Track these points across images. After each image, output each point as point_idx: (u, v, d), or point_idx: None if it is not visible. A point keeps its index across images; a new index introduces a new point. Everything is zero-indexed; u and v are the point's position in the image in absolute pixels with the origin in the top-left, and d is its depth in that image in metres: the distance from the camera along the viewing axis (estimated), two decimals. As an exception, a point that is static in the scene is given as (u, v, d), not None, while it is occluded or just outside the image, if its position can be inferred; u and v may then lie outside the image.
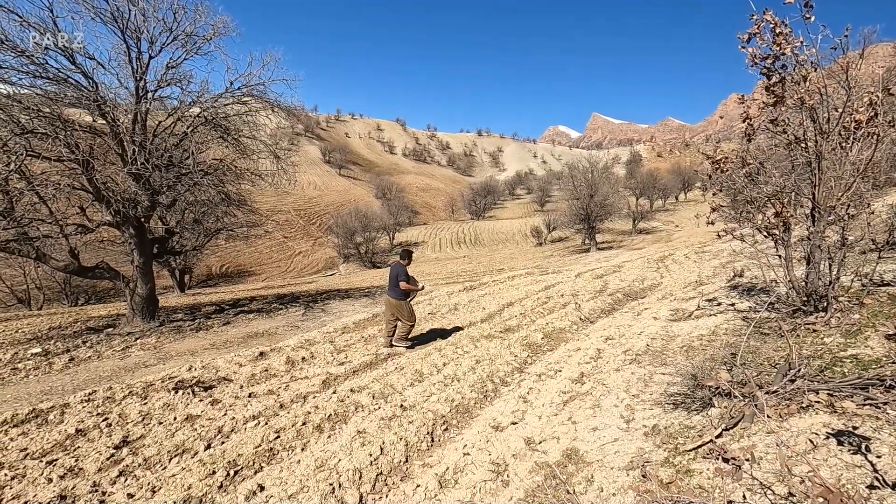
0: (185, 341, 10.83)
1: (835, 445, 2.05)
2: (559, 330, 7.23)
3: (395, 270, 7.72)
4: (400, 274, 7.65)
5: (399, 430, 3.75)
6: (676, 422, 2.86)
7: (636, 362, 4.28)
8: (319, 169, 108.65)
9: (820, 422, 2.30)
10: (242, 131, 12.94)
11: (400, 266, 7.75)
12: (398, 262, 7.81)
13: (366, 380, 5.90)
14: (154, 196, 11.86)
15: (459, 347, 6.92)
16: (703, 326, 5.18)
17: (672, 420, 2.90)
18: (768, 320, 4.59)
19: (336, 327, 9.86)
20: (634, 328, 5.84)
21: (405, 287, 7.62)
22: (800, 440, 2.17)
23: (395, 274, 7.69)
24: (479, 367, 5.47)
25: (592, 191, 41.73)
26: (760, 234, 4.52)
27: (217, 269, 51.81)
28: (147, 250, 12.50)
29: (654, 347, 4.69)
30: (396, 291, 7.67)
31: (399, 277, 7.63)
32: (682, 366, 3.81)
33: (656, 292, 9.98)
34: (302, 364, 7.25)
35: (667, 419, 2.94)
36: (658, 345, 4.78)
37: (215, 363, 7.25)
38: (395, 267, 7.75)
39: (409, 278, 7.73)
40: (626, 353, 4.58)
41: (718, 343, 4.41)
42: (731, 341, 4.40)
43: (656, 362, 4.22)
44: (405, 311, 7.71)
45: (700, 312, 6.15)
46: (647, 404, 3.30)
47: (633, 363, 4.26)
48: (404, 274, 7.67)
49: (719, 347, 4.22)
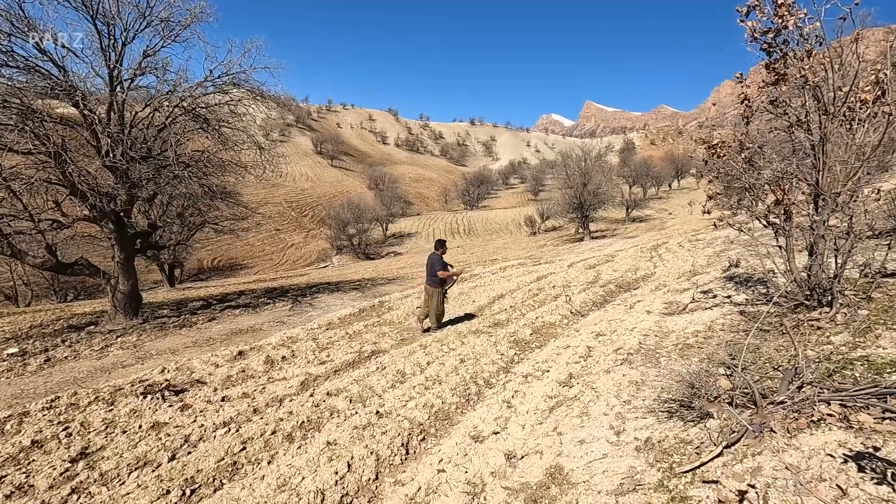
0: (166, 339, 10.49)
1: (855, 472, 1.76)
2: (549, 325, 6.94)
3: (430, 260, 8.15)
4: (436, 263, 8.04)
5: (371, 441, 3.45)
6: (671, 434, 2.57)
7: (628, 362, 3.99)
8: (311, 160, 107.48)
9: (834, 440, 2.01)
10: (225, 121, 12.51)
11: (436, 255, 8.13)
12: (434, 252, 8.20)
13: (345, 381, 5.60)
14: (132, 189, 11.44)
15: (445, 344, 6.62)
16: (698, 321, 4.90)
17: (666, 432, 2.61)
18: (766, 314, 4.31)
19: (321, 323, 9.55)
20: (627, 323, 5.55)
21: (443, 275, 7.99)
22: (812, 464, 1.88)
23: (431, 263, 8.12)
24: (464, 367, 5.18)
25: (586, 179, 41.38)
26: (759, 223, 4.22)
27: (209, 263, 51.24)
28: (128, 245, 12.11)
29: (647, 345, 4.41)
30: (434, 280, 8.02)
31: (435, 267, 8.02)
32: (678, 368, 3.53)
33: (649, 283, 9.72)
34: (282, 364, 6.95)
35: (661, 431, 2.66)
36: (651, 342, 4.49)
37: (190, 364, 6.92)
38: (431, 256, 8.17)
39: (446, 266, 8.09)
40: (618, 353, 4.29)
41: (715, 341, 4.13)
42: (729, 339, 4.12)
43: (649, 363, 3.94)
44: (438, 299, 8.09)
45: (695, 305, 5.88)
46: (640, 412, 3.01)
47: (624, 363, 3.97)
48: (440, 263, 8.02)
49: (716, 346, 3.94)
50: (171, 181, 12.33)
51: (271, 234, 63.45)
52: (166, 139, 11.39)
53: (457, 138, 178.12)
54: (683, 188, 79.53)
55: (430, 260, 8.15)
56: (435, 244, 8.35)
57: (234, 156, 13.21)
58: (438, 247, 8.27)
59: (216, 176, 13.20)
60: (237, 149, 13.01)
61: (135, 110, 11.83)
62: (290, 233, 66.03)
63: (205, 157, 12.40)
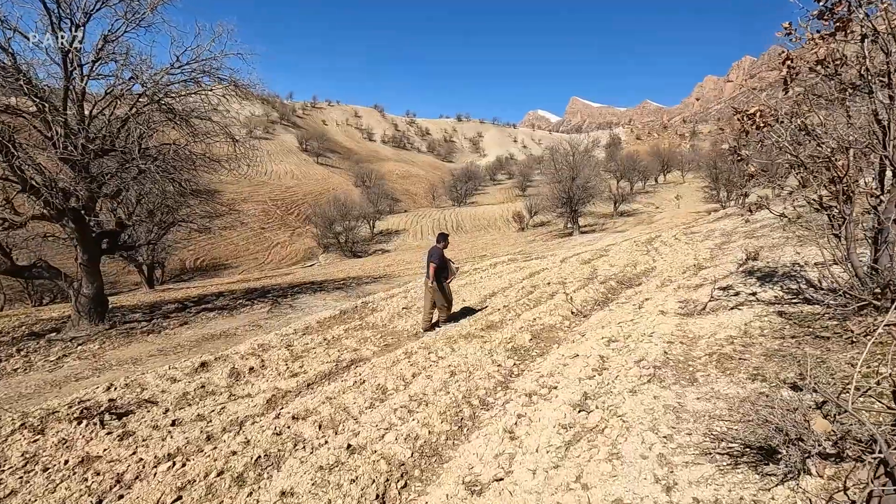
0: (130, 347, 9.59)
1: None
2: (549, 328, 6.18)
3: (430, 254, 7.76)
4: (432, 256, 7.65)
5: (337, 494, 2.66)
6: (748, 496, 1.82)
7: (657, 379, 3.24)
8: (296, 157, 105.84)
9: None
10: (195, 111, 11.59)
11: (436, 249, 7.77)
12: (434, 246, 7.86)
13: (317, 399, 4.79)
14: (93, 185, 10.49)
15: (433, 352, 5.83)
16: (728, 324, 4.17)
17: (739, 491, 1.86)
18: (816, 316, 3.59)
19: (297, 328, 8.71)
20: (641, 326, 4.80)
21: (432, 269, 7.57)
22: None
23: (429, 257, 7.72)
24: (455, 382, 4.39)
25: (574, 174, 40.87)
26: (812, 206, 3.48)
27: (192, 264, 49.97)
28: (92, 246, 11.19)
29: (674, 356, 3.66)
30: (435, 274, 7.63)
31: (430, 260, 7.64)
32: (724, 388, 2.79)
33: (652, 278, 9.02)
34: (248, 376, 6.11)
35: (730, 489, 1.90)
36: (678, 351, 3.75)
37: (143, 380, 6.05)
38: (432, 250, 7.80)
39: (446, 261, 7.82)
40: (640, 365, 3.53)
41: (758, 350, 3.40)
42: (774, 347, 3.39)
43: (683, 379, 3.19)
44: (441, 296, 7.72)
45: (715, 304, 5.17)
46: (690, 454, 2.26)
47: (652, 380, 3.22)
48: (437, 256, 7.65)
49: (762, 357, 3.22)
50: (137, 177, 11.39)
51: (256, 233, 62.23)
52: (131, 131, 10.46)
53: (444, 134, 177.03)
54: (669, 182, 79.66)
55: (430, 254, 7.77)
56: (437, 237, 8.07)
57: (205, 149, 12.30)
58: (441, 240, 7.99)
59: (187, 171, 12.24)
60: (208, 141, 12.08)
61: (95, 99, 10.87)
62: (276, 231, 64.86)
63: (172, 151, 11.44)
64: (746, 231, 13.61)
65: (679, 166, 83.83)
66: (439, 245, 7.89)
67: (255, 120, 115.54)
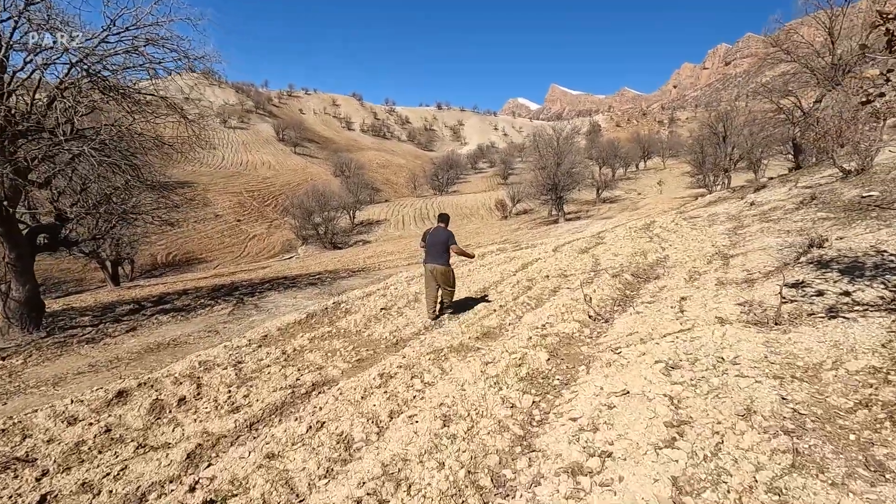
0: (59, 361, 8.02)
1: None
2: (567, 339, 4.80)
3: (440, 236, 7.05)
4: (450, 238, 7.01)
5: None
6: None
7: (794, 453, 1.89)
8: (273, 147, 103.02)
9: None
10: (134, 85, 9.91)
11: (446, 231, 7.11)
12: (440, 227, 7.20)
13: (255, 455, 3.36)
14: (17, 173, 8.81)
15: (417, 376, 4.43)
16: (848, 343, 2.85)
17: None
18: None
19: (253, 338, 7.22)
20: (705, 342, 3.45)
21: (458, 251, 7.07)
22: None
23: (442, 239, 7.01)
24: (450, 437, 3.00)
25: (559, 159, 39.70)
26: None
27: (163, 258, 47.85)
28: (21, 242, 9.61)
29: (803, 404, 2.30)
30: (444, 258, 6.97)
31: (449, 242, 6.98)
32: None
33: (673, 270, 7.73)
34: (175, 411, 4.64)
35: None
36: (803, 396, 2.39)
37: (31, 421, 4.52)
38: (441, 232, 7.10)
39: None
40: (755, 425, 2.17)
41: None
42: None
43: (841, 450, 1.85)
44: (451, 277, 7.19)
45: (792, 308, 3.86)
46: None
47: (787, 454, 1.88)
48: (453, 237, 7.05)
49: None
50: (71, 161, 9.75)
51: (231, 226, 60.15)
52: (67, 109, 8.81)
53: (424, 123, 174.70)
54: (650, 168, 79.60)
55: (439, 236, 7.03)
56: (439, 217, 7.37)
57: (152, 129, 10.65)
58: (444, 220, 7.28)
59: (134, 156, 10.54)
60: (153, 120, 10.43)
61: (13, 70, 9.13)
62: (252, 223, 62.89)
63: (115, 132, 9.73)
64: (756, 214, 12.45)
65: (659, 153, 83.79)
66: (442, 225, 7.23)
67: (230, 109, 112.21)
